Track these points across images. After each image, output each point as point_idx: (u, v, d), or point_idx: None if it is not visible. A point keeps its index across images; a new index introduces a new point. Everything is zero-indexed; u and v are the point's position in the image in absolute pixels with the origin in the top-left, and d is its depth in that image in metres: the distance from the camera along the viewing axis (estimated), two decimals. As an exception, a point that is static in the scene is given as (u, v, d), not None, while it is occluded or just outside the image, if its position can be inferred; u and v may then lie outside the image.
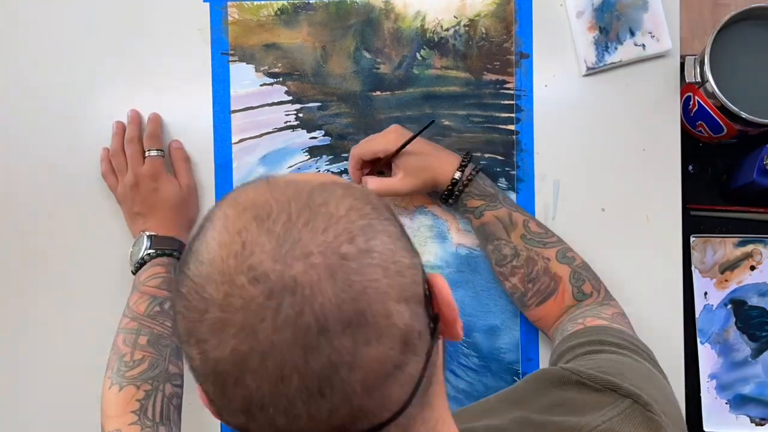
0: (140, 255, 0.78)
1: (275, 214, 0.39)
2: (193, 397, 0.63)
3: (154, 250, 0.78)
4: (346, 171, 0.84)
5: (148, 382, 0.70)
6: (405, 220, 0.83)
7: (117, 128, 0.82)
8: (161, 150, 0.81)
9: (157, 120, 0.83)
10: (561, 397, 0.54)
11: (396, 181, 0.77)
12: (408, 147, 0.76)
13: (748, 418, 0.82)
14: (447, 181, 0.77)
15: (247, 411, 0.39)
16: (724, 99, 0.74)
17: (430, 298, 0.43)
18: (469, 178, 0.76)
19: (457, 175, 0.76)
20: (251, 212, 0.39)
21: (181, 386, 0.73)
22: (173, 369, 0.72)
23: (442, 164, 0.77)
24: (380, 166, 0.78)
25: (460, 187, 0.76)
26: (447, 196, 0.78)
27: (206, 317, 0.38)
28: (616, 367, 0.56)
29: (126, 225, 0.83)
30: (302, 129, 0.84)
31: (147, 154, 0.80)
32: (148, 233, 0.79)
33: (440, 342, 0.47)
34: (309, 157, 0.84)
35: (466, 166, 0.77)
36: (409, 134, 0.76)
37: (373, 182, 0.78)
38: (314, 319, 0.37)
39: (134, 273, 0.79)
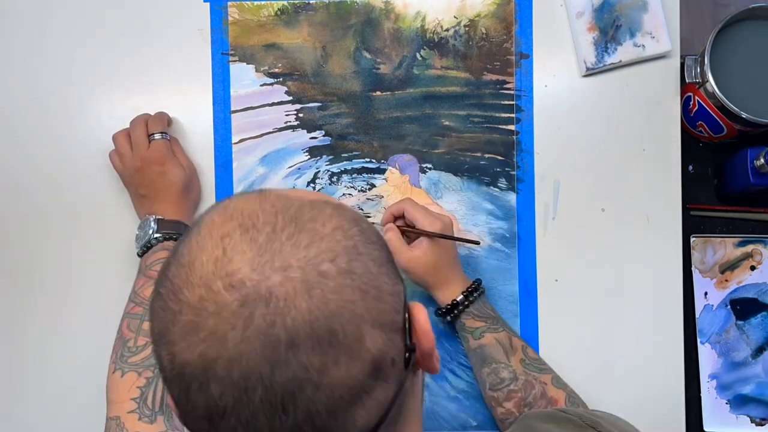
0: (147, 238, 0.77)
1: (260, 224, 0.39)
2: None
3: (161, 234, 0.77)
4: (345, 171, 0.84)
5: (150, 369, 0.69)
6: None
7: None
8: (165, 133, 0.80)
9: (162, 112, 0.82)
10: (546, 429, 0.55)
11: (406, 253, 0.76)
12: (439, 243, 0.76)
13: (748, 418, 0.82)
14: (446, 298, 0.76)
15: (209, 418, 0.38)
16: (724, 99, 0.74)
17: (409, 328, 0.43)
18: (471, 300, 0.76)
19: (459, 298, 0.76)
20: (237, 220, 0.39)
21: None
22: None
23: (450, 280, 0.76)
24: (410, 233, 0.77)
25: (461, 307, 0.76)
26: (445, 313, 0.77)
27: (179, 319, 0.38)
28: (596, 419, 0.58)
29: (128, 206, 0.82)
30: (302, 129, 0.84)
31: (151, 138, 0.79)
32: (154, 217, 0.78)
33: (420, 374, 0.48)
34: (309, 157, 0.84)
35: (472, 291, 0.76)
36: (452, 233, 0.76)
37: (393, 234, 0.76)
38: (285, 332, 0.37)
39: (140, 256, 0.78)
